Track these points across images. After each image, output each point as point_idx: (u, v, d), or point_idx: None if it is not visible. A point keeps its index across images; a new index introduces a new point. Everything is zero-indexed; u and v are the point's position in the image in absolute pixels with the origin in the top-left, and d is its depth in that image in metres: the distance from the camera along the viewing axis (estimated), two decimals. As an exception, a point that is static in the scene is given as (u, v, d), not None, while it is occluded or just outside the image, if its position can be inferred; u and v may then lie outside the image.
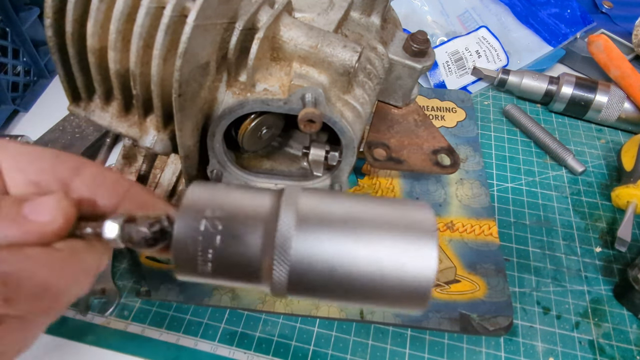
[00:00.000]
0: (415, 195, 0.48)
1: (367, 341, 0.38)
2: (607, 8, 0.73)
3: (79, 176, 0.21)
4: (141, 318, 0.39)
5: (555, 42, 0.64)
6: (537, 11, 0.67)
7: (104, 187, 0.21)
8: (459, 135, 0.55)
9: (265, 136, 0.34)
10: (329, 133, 0.37)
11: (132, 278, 0.41)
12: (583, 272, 0.43)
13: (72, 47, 0.29)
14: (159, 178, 0.42)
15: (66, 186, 0.20)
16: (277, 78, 0.31)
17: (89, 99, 0.33)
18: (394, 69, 0.40)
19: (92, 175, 0.21)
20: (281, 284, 0.19)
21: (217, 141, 0.32)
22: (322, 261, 0.18)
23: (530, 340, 0.39)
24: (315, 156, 0.36)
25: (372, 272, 0.18)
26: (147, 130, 0.31)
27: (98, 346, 0.37)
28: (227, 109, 0.31)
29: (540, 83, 0.58)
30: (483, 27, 0.65)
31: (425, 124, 0.44)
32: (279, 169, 0.38)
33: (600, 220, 0.47)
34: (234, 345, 0.38)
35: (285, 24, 0.31)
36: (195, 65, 0.28)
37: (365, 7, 0.38)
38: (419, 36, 0.39)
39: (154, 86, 0.28)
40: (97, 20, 0.27)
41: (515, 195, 0.49)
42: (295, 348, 0.37)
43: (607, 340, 0.39)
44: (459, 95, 0.60)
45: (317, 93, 0.29)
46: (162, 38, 0.26)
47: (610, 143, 0.56)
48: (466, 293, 0.41)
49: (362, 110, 0.34)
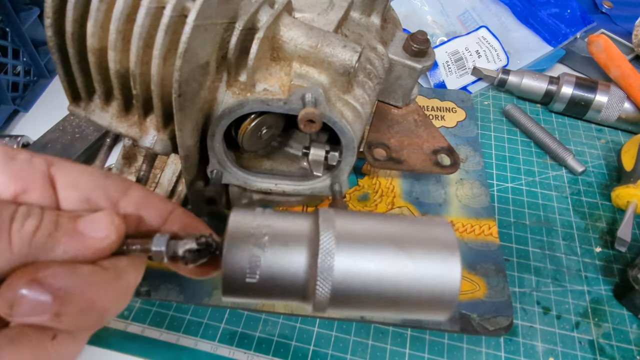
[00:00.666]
0: (415, 196, 0.48)
1: (367, 341, 0.38)
2: (607, 8, 0.73)
3: (127, 196, 0.22)
4: (141, 318, 0.39)
5: (555, 42, 0.64)
6: (537, 11, 0.67)
7: (150, 208, 0.22)
8: (459, 135, 0.55)
9: (265, 136, 0.34)
10: (329, 133, 0.37)
11: (132, 278, 0.41)
12: (583, 272, 0.43)
13: (72, 47, 0.29)
14: (159, 178, 0.42)
15: (115, 205, 0.21)
16: (277, 78, 0.31)
17: (89, 99, 0.33)
18: (394, 69, 0.40)
19: (139, 196, 0.22)
20: (323, 301, 0.20)
21: (217, 141, 0.32)
22: (361, 278, 0.20)
23: (530, 340, 0.39)
24: (315, 156, 0.36)
25: (407, 285, 0.20)
26: (147, 130, 0.31)
27: (98, 346, 0.37)
28: (227, 109, 0.31)
29: (540, 83, 0.58)
30: (483, 27, 0.65)
31: (425, 124, 0.44)
32: (279, 169, 0.38)
33: (600, 220, 0.47)
34: (234, 345, 0.38)
35: (285, 24, 0.31)
36: (195, 65, 0.28)
37: (365, 7, 0.38)
38: (419, 36, 0.39)
39: (154, 86, 0.28)
40: (97, 20, 0.27)
41: (515, 195, 0.49)
42: (295, 348, 0.37)
43: (607, 340, 0.39)
44: (459, 95, 0.60)
45: (317, 93, 0.29)
46: (162, 38, 0.26)
47: (610, 143, 0.56)
48: (466, 293, 0.41)
49: (362, 110, 0.34)
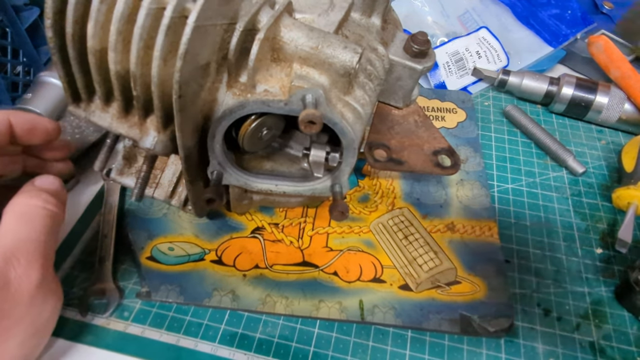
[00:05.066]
0: (416, 197, 0.48)
1: (367, 342, 0.38)
2: (607, 9, 0.73)
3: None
4: (141, 319, 0.39)
5: (556, 42, 0.64)
6: (537, 12, 0.67)
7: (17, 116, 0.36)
8: (460, 136, 0.55)
9: (265, 137, 0.34)
10: (330, 134, 0.37)
11: (132, 279, 0.41)
12: (584, 274, 0.43)
13: (73, 47, 0.29)
14: (160, 179, 0.42)
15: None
16: (278, 79, 0.31)
17: (89, 99, 0.33)
18: (394, 70, 0.40)
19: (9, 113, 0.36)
20: None
21: (217, 142, 0.32)
22: None
23: (530, 342, 0.39)
24: (316, 157, 0.36)
25: None
26: (147, 131, 0.31)
27: (98, 347, 0.37)
28: (227, 110, 0.31)
29: (540, 84, 0.58)
30: (483, 28, 0.65)
31: (425, 125, 0.44)
32: (280, 170, 0.38)
33: (600, 222, 0.47)
34: (234, 346, 0.38)
35: (286, 25, 0.31)
36: (196, 66, 0.28)
37: (366, 8, 0.38)
38: (420, 37, 0.39)
39: (154, 87, 0.28)
40: (98, 21, 0.27)
41: (515, 196, 0.49)
42: (296, 349, 0.37)
43: (607, 341, 0.39)
44: (460, 96, 0.60)
45: (318, 94, 0.29)
46: (163, 39, 0.26)
47: (611, 144, 0.56)
48: (466, 294, 0.41)
49: (363, 111, 0.34)
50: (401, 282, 0.42)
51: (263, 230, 0.45)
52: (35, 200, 0.34)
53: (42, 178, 0.36)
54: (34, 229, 0.32)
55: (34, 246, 0.32)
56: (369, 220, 0.46)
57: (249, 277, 0.41)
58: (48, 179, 0.36)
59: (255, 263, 0.43)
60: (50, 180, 0.36)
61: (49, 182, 0.36)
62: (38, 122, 0.37)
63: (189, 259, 0.43)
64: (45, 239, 0.33)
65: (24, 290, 0.31)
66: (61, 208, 0.35)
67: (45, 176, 0.36)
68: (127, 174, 0.42)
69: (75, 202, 0.46)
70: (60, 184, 0.37)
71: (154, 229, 0.45)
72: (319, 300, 0.40)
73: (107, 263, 0.41)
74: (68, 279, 0.41)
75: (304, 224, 0.46)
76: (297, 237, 0.45)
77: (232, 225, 0.45)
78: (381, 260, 0.43)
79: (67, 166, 0.43)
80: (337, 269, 0.42)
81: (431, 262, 0.43)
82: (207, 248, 0.43)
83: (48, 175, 0.37)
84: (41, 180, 0.36)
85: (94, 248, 0.43)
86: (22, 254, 0.31)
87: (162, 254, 0.43)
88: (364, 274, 0.42)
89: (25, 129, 0.36)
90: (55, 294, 0.34)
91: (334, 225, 0.46)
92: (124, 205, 0.47)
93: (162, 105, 0.29)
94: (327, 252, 0.44)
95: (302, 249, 0.44)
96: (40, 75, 0.51)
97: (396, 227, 0.46)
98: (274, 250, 0.44)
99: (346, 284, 0.41)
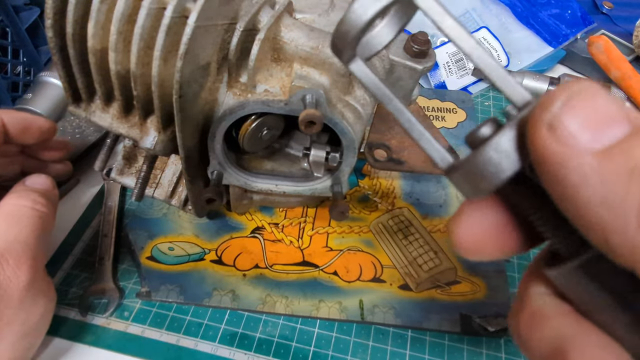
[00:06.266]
0: (416, 197, 0.48)
1: (367, 342, 0.38)
2: (607, 9, 0.73)
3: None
4: (141, 319, 0.39)
5: (556, 42, 0.64)
6: (537, 12, 0.67)
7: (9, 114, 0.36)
8: (460, 136, 0.55)
9: (265, 137, 0.34)
10: (330, 134, 0.37)
11: (132, 278, 0.41)
12: (583, 274, 0.43)
13: (73, 48, 0.29)
14: (160, 179, 0.42)
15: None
16: (278, 79, 0.31)
17: (89, 99, 0.33)
18: (394, 70, 0.40)
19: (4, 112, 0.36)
20: None
21: (217, 142, 0.32)
22: None
23: (530, 342, 0.39)
24: (316, 157, 0.36)
25: None
26: (147, 132, 0.31)
27: (98, 347, 0.37)
28: (227, 110, 0.31)
29: (540, 84, 0.58)
30: (484, 28, 0.65)
31: (425, 125, 0.44)
32: (280, 170, 0.38)
33: (600, 222, 0.47)
34: (234, 346, 0.38)
35: (286, 25, 0.31)
36: (196, 66, 0.28)
37: (366, 8, 0.38)
38: (420, 37, 0.39)
39: (155, 87, 0.28)
40: (98, 21, 0.27)
41: (515, 196, 0.49)
42: (296, 349, 0.37)
43: (607, 341, 0.39)
44: (460, 96, 0.60)
45: (318, 94, 0.29)
46: (163, 39, 0.26)
47: (611, 144, 0.56)
48: (467, 294, 0.41)
49: (363, 111, 0.34)
50: (401, 282, 0.42)
51: (263, 230, 0.45)
52: (24, 200, 0.33)
53: (33, 177, 0.36)
54: (22, 230, 0.32)
55: (22, 247, 0.31)
56: (369, 220, 0.46)
57: (249, 277, 0.41)
58: (39, 179, 0.36)
59: (255, 263, 0.43)
60: (41, 180, 0.36)
61: (39, 182, 0.35)
62: (32, 121, 0.37)
63: (189, 259, 0.43)
64: (34, 239, 0.32)
65: (12, 291, 0.30)
66: (51, 208, 0.35)
67: (37, 175, 0.36)
68: (127, 174, 0.42)
69: (75, 202, 0.47)
70: (52, 183, 0.36)
71: (154, 229, 0.45)
72: (319, 300, 0.40)
73: (107, 263, 0.41)
74: (68, 279, 0.41)
75: (304, 224, 0.46)
76: (297, 237, 0.45)
77: (232, 225, 0.45)
78: (381, 260, 0.43)
79: (65, 167, 0.43)
80: (337, 269, 0.42)
81: (431, 262, 0.43)
82: (207, 248, 0.43)
83: (40, 175, 0.36)
84: (32, 179, 0.36)
85: (94, 248, 0.43)
86: (10, 255, 0.30)
87: (162, 253, 0.43)
88: (364, 274, 0.42)
89: (18, 129, 0.36)
90: (46, 295, 0.33)
91: (334, 225, 0.46)
92: (124, 205, 0.47)
93: (162, 105, 0.29)
94: (327, 252, 0.44)
95: (302, 249, 0.44)
96: (40, 75, 0.51)
97: (396, 227, 0.46)
98: (274, 250, 0.44)
99: (346, 284, 0.41)
